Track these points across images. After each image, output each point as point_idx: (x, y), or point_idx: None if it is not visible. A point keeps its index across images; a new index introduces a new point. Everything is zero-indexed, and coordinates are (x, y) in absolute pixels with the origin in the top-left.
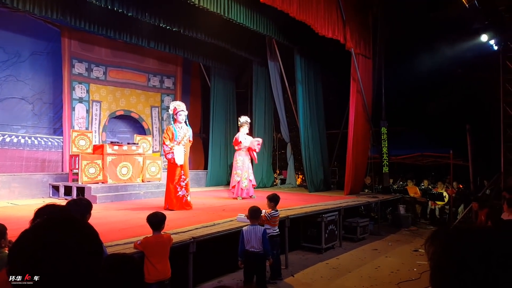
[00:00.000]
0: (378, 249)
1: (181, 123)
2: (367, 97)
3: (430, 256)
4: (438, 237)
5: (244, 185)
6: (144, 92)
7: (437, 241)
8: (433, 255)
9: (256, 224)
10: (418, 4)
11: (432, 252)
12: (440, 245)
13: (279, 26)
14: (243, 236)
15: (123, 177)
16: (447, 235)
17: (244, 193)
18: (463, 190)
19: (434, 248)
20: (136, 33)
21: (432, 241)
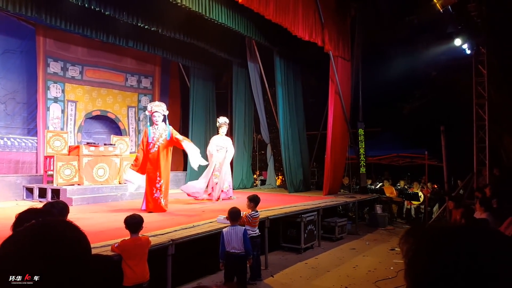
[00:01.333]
0: (356, 249)
1: (157, 125)
2: (346, 99)
3: (404, 253)
4: (412, 234)
5: (224, 186)
6: (121, 92)
7: (411, 238)
8: (407, 253)
9: (236, 225)
10: (395, 8)
11: (406, 250)
12: (414, 243)
13: (259, 27)
14: (224, 237)
15: (99, 179)
16: (420, 233)
17: (224, 195)
18: (437, 190)
19: (408, 245)
20: (113, 32)
21: (406, 239)
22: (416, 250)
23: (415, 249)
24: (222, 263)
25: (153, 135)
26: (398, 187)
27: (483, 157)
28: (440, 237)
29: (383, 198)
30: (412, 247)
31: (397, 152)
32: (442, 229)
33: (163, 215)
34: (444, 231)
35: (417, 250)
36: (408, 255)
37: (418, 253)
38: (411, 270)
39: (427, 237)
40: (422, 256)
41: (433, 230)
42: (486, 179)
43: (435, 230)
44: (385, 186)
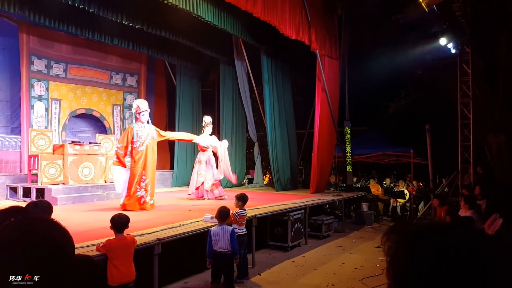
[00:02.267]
0: (343, 246)
1: (144, 123)
2: (334, 97)
3: (386, 251)
4: (394, 232)
5: (207, 186)
6: (106, 90)
7: (393, 236)
8: (389, 250)
9: (224, 224)
10: (381, 7)
11: (388, 247)
12: (396, 240)
13: (246, 26)
14: (211, 236)
15: (85, 178)
16: (402, 230)
17: (208, 194)
18: (423, 187)
19: (390, 243)
20: (98, 30)
21: (389, 236)
22: (397, 248)
23: (396, 246)
24: (209, 261)
25: (141, 134)
26: (384, 185)
27: (467, 156)
28: (421, 235)
29: (369, 196)
30: (394, 244)
31: (383, 150)
32: (423, 227)
33: (149, 214)
34: (425, 229)
35: (399, 248)
36: (390, 252)
37: (400, 251)
38: (392, 267)
39: (408, 234)
40: (403, 253)
41: (415, 228)
42: (470, 177)
43: (417, 227)
44: (371, 184)
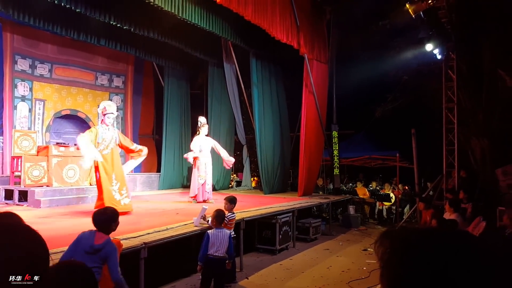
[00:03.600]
0: (330, 249)
1: (108, 126)
2: (322, 101)
3: (379, 256)
4: (387, 237)
5: (208, 187)
6: (91, 91)
7: (386, 241)
8: (383, 255)
9: (221, 227)
10: (368, 12)
11: (381, 252)
12: (389, 246)
13: (235, 29)
14: (209, 239)
15: (69, 180)
16: (394, 235)
17: (209, 196)
18: (408, 191)
19: (383, 248)
20: (84, 30)
21: (382, 242)
22: (391, 253)
23: (390, 252)
24: (200, 266)
25: (105, 136)
26: (371, 188)
27: (452, 160)
28: (414, 240)
29: (356, 199)
30: (387, 250)
31: (370, 154)
32: (415, 232)
33: (136, 218)
34: (418, 234)
35: (393, 253)
36: (383, 258)
37: (394, 256)
38: (386, 272)
39: (401, 239)
40: (398, 259)
41: (407, 233)
42: (454, 181)
43: (409, 232)
44: (358, 187)
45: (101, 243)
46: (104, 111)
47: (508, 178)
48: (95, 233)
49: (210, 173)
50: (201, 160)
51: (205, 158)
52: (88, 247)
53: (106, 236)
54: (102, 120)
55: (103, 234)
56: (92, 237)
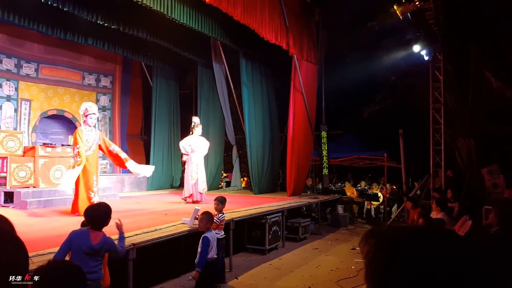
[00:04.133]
0: (319, 248)
1: (91, 127)
2: (311, 102)
3: (364, 254)
4: (372, 236)
5: (202, 187)
6: (78, 91)
7: (372, 240)
8: (367, 254)
9: (211, 229)
10: (356, 14)
11: (366, 251)
12: (374, 244)
13: (225, 29)
14: (210, 243)
15: (56, 181)
16: (380, 234)
17: (203, 197)
18: (396, 190)
19: (368, 247)
20: (72, 29)
21: (367, 240)
22: (376, 252)
23: (375, 250)
24: (199, 272)
25: (88, 137)
26: (359, 188)
27: (439, 159)
28: (399, 239)
29: (345, 198)
30: (372, 248)
31: (358, 154)
32: (401, 231)
33: (124, 219)
34: (403, 233)
35: (378, 252)
36: (368, 256)
37: (379, 255)
38: (371, 271)
39: (386, 238)
40: (382, 258)
41: (393, 232)
42: (441, 181)
43: (395, 231)
44: (346, 187)
45: (99, 242)
46: (86, 112)
47: (493, 177)
48: (88, 232)
49: (203, 173)
50: (193, 160)
51: (197, 159)
52: (87, 248)
53: (101, 233)
54: (84, 121)
55: (97, 232)
56: (88, 237)
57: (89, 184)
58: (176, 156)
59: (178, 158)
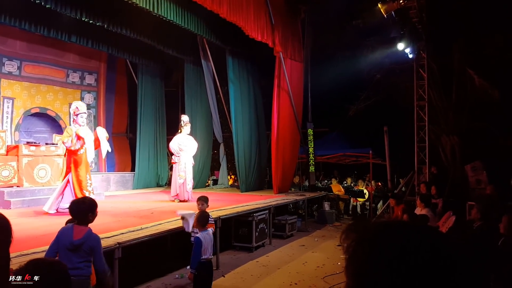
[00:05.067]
0: (305, 245)
1: (81, 126)
2: (298, 100)
3: (345, 249)
4: (353, 230)
5: (189, 187)
6: (62, 89)
7: (352, 234)
8: (348, 248)
9: (206, 229)
10: (342, 12)
11: (347, 245)
12: (355, 238)
13: (211, 26)
14: (202, 244)
15: (40, 180)
16: (360, 229)
17: (190, 196)
18: (381, 187)
19: (349, 241)
20: (55, 26)
21: (348, 235)
22: (356, 246)
23: (355, 245)
24: (193, 274)
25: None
26: (345, 185)
27: (423, 156)
28: (379, 233)
29: (331, 195)
30: (352, 243)
31: (344, 151)
32: (381, 225)
33: (110, 217)
34: (383, 228)
35: (358, 246)
36: (349, 250)
37: (359, 249)
38: (351, 265)
39: (366, 233)
40: (362, 252)
41: (373, 226)
42: (426, 177)
43: (375, 226)
44: (332, 184)
45: (81, 238)
46: (76, 111)
47: (476, 173)
48: (73, 228)
49: (190, 172)
50: (182, 160)
51: (185, 158)
52: (69, 244)
53: (86, 228)
54: (74, 120)
55: (81, 227)
56: (71, 233)
57: (84, 184)
58: (162, 155)
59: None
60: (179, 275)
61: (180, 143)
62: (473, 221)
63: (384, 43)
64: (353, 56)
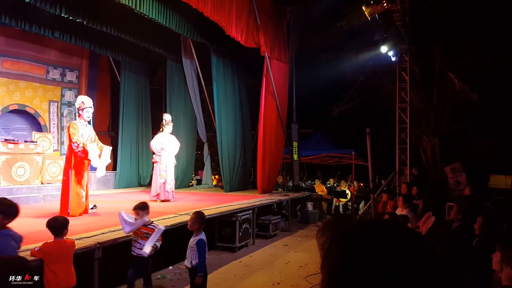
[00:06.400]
0: (288, 245)
1: (86, 122)
2: (283, 100)
3: (320, 245)
4: (328, 228)
5: (169, 187)
6: (42, 86)
7: (328, 231)
8: (323, 245)
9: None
10: (327, 14)
11: (322, 242)
12: (330, 236)
13: (196, 25)
14: (206, 244)
15: (19, 179)
16: (335, 226)
17: (170, 196)
18: (363, 188)
19: (324, 238)
20: (36, 21)
21: (323, 232)
22: (330, 243)
23: (330, 242)
24: (201, 276)
25: (83, 132)
26: (328, 185)
27: (404, 158)
28: (353, 231)
29: (314, 196)
30: (328, 240)
31: (327, 152)
32: (355, 223)
33: (90, 217)
34: (357, 225)
35: (331, 243)
36: (324, 248)
37: (333, 247)
38: (325, 262)
39: (341, 230)
40: (335, 248)
41: (347, 224)
42: (407, 178)
43: (349, 224)
44: (316, 184)
45: None
46: (82, 105)
47: (456, 175)
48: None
49: (172, 172)
50: (163, 159)
51: (166, 157)
52: None
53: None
54: (79, 115)
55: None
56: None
57: (82, 183)
58: (145, 154)
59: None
60: (160, 275)
61: (162, 142)
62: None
63: (367, 45)
64: (337, 58)
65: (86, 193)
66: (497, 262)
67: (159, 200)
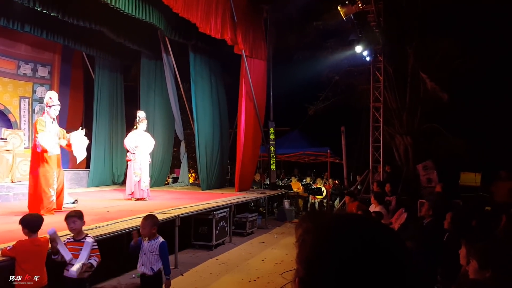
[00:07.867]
0: (265, 242)
1: (52, 118)
2: (260, 98)
3: (296, 238)
4: (305, 221)
5: (144, 185)
6: (12, 81)
7: (304, 224)
8: (299, 237)
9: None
10: (303, 12)
11: (299, 234)
12: (305, 228)
13: (173, 21)
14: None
15: None
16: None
17: (145, 194)
18: (338, 185)
19: (300, 231)
20: (6, 15)
21: (301, 224)
22: (305, 235)
23: (305, 234)
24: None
25: (51, 129)
26: (304, 182)
27: (378, 156)
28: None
29: (291, 193)
30: (303, 232)
31: (304, 150)
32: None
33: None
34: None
35: (306, 235)
36: (299, 239)
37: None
38: (300, 254)
39: (316, 223)
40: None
41: (323, 217)
42: (380, 176)
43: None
44: (292, 182)
45: None
46: (50, 102)
47: (427, 172)
48: None
49: (146, 170)
50: (137, 157)
51: (141, 155)
52: None
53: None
54: (47, 112)
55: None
56: None
57: (50, 182)
58: (119, 151)
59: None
60: (135, 274)
61: (136, 140)
62: (423, 218)
63: (343, 45)
64: (313, 56)
65: (62, 189)
66: (464, 256)
67: (134, 198)
